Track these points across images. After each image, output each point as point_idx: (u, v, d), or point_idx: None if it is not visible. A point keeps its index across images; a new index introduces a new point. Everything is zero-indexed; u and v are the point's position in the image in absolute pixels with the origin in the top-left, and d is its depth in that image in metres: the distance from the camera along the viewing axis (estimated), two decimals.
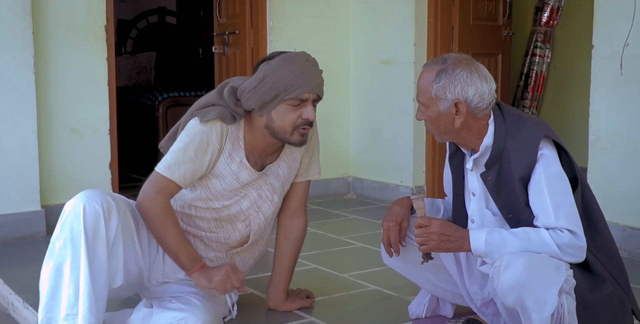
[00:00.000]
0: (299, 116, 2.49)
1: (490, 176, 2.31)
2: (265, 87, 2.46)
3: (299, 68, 2.46)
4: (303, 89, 2.45)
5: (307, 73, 2.47)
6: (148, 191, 2.48)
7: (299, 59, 2.49)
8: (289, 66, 2.46)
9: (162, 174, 2.48)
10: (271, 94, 2.45)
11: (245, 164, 2.58)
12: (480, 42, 5.02)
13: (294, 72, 2.45)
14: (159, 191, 2.47)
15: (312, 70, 2.49)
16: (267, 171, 2.65)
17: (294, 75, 2.44)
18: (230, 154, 2.56)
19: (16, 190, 4.08)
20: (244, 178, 2.60)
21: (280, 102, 2.47)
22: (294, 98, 2.46)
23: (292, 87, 2.44)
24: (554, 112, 6.21)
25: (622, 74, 3.63)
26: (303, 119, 2.49)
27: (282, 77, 2.44)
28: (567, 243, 2.18)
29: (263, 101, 2.47)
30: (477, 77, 2.28)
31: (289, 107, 2.47)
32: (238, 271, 2.43)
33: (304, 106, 2.49)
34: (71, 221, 2.30)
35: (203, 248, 2.66)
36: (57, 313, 2.27)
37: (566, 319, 2.14)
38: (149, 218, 2.46)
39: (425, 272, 2.64)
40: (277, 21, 5.03)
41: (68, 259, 2.28)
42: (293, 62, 2.47)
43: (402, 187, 4.95)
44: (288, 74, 2.44)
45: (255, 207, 2.67)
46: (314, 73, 2.49)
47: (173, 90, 6.98)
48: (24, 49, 4.04)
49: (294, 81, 2.44)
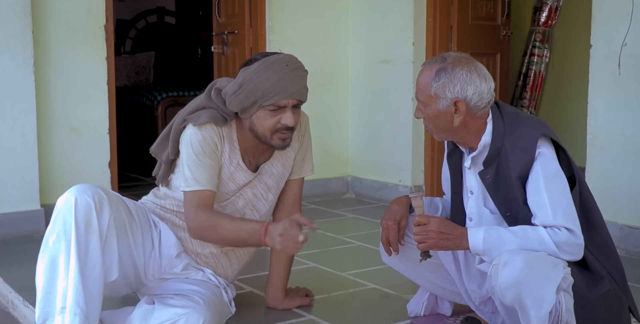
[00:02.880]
0: (277, 121, 2.49)
1: (489, 174, 2.32)
2: (243, 94, 2.46)
3: (276, 75, 2.43)
4: (280, 96, 2.44)
5: (284, 80, 2.44)
6: (189, 214, 2.50)
7: (277, 64, 2.45)
8: (266, 73, 2.43)
9: (192, 190, 2.49)
10: (249, 100, 2.46)
11: (241, 166, 2.60)
12: (478, 42, 5.03)
13: (270, 79, 2.43)
14: (197, 208, 2.48)
15: (291, 76, 2.45)
16: (262, 170, 2.67)
17: (271, 83, 2.43)
18: (229, 156, 2.58)
19: (16, 189, 4.08)
20: (240, 180, 2.62)
21: (259, 108, 2.47)
22: (272, 104, 2.46)
23: (269, 95, 2.43)
24: (553, 111, 6.21)
25: (620, 74, 3.64)
26: (282, 124, 2.49)
27: (259, 84, 2.43)
28: (565, 241, 2.19)
29: (243, 106, 2.48)
30: (477, 76, 2.29)
31: (267, 112, 2.47)
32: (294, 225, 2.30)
33: (282, 112, 2.48)
34: (63, 215, 2.31)
35: (198, 244, 2.67)
36: (53, 307, 2.27)
37: (564, 316, 2.16)
38: (201, 232, 2.49)
39: (424, 270, 2.64)
40: (276, 21, 5.03)
41: (62, 252, 2.29)
42: (271, 69, 2.44)
43: (400, 187, 4.96)
44: (265, 82, 2.43)
45: (250, 206, 2.68)
46: (293, 79, 2.46)
47: (172, 90, 6.99)
48: (24, 48, 4.05)
49: (271, 88, 2.43)
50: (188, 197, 2.50)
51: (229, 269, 2.76)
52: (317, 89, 5.17)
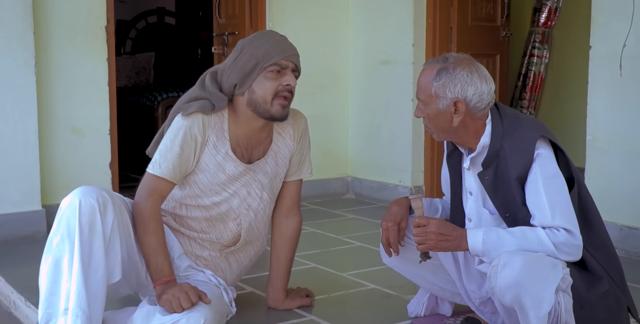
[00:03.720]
0: (279, 83, 2.55)
1: (488, 175, 2.33)
2: (244, 58, 2.54)
3: (274, 38, 2.58)
4: (281, 56, 2.54)
5: (283, 43, 2.58)
6: (141, 192, 2.54)
7: (272, 32, 2.65)
8: (265, 37, 2.59)
9: (152, 174, 2.54)
10: (251, 63, 2.53)
11: (231, 156, 2.61)
12: (478, 43, 5.04)
13: (270, 41, 2.56)
14: (150, 193, 2.52)
15: (286, 42, 2.60)
16: (255, 166, 2.67)
17: (271, 44, 2.55)
18: (215, 145, 2.59)
19: (17, 189, 4.09)
20: (230, 170, 2.62)
21: (261, 71, 2.54)
22: (274, 64, 2.53)
23: (270, 54, 2.53)
24: (552, 112, 6.23)
25: (621, 75, 3.65)
26: (284, 85, 2.55)
27: (260, 46, 2.54)
28: (564, 241, 2.20)
29: (244, 72, 2.54)
30: (477, 78, 2.30)
31: (269, 75, 2.54)
32: (192, 292, 2.37)
33: (284, 74, 2.55)
34: (67, 217, 2.31)
35: (197, 247, 2.68)
36: (56, 308, 2.28)
37: (563, 317, 2.16)
38: (136, 220, 2.51)
39: (424, 271, 2.65)
40: (277, 22, 5.04)
41: (66, 254, 2.29)
42: (268, 34, 2.62)
43: (400, 187, 4.97)
44: (265, 43, 2.55)
45: (245, 205, 2.68)
46: (289, 44, 2.60)
47: (172, 90, 7.00)
48: (25, 49, 4.06)
49: (271, 48, 2.54)
50: (146, 179, 2.56)
51: (228, 272, 2.76)
52: (318, 90, 5.18)
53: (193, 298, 2.36)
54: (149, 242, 2.47)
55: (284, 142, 2.73)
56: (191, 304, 2.34)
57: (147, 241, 2.47)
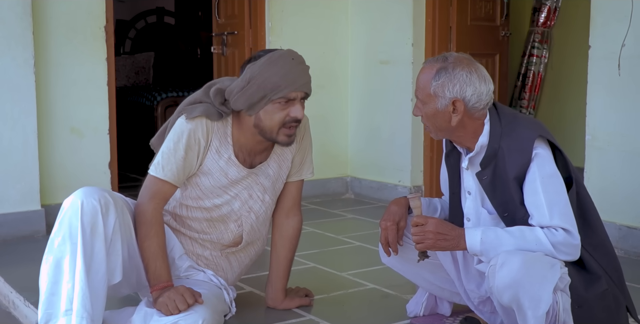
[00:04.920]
0: (286, 114, 2.51)
1: (486, 175, 2.33)
2: (252, 89, 2.48)
3: (284, 68, 2.47)
4: (290, 89, 2.48)
5: (292, 73, 2.48)
6: (143, 194, 2.53)
7: (284, 58, 2.50)
8: (274, 67, 2.47)
9: (155, 176, 2.53)
10: (258, 95, 2.48)
11: (233, 161, 2.61)
12: (478, 43, 5.04)
13: (278, 73, 2.47)
14: (153, 196, 2.52)
15: (297, 69, 2.50)
16: (257, 170, 2.67)
17: (279, 76, 2.46)
18: (217, 150, 2.58)
19: (16, 189, 4.09)
20: (233, 174, 2.62)
21: (268, 103, 2.50)
22: (282, 97, 2.48)
23: (278, 88, 2.47)
24: (551, 112, 6.23)
25: (619, 75, 3.65)
26: (291, 117, 2.52)
27: (269, 78, 2.46)
28: (562, 241, 2.20)
29: (251, 101, 2.50)
30: (477, 78, 2.30)
31: (277, 106, 2.50)
32: (188, 294, 2.38)
33: (291, 104, 2.51)
34: (69, 218, 2.31)
35: (198, 247, 2.68)
36: (57, 308, 2.28)
37: (561, 316, 2.17)
38: (137, 223, 2.50)
39: (423, 271, 2.65)
40: (276, 21, 5.04)
41: (67, 255, 2.29)
42: (278, 63, 2.48)
43: (400, 187, 4.97)
44: (273, 76, 2.46)
45: (246, 207, 2.68)
46: (299, 72, 2.51)
47: (171, 90, 7.00)
48: (24, 49, 4.06)
49: (280, 81, 2.46)
50: (148, 181, 2.54)
51: (229, 272, 2.77)
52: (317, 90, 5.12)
53: (189, 300, 2.36)
54: (149, 246, 2.47)
55: None
56: (187, 306, 2.34)
57: (148, 245, 2.47)
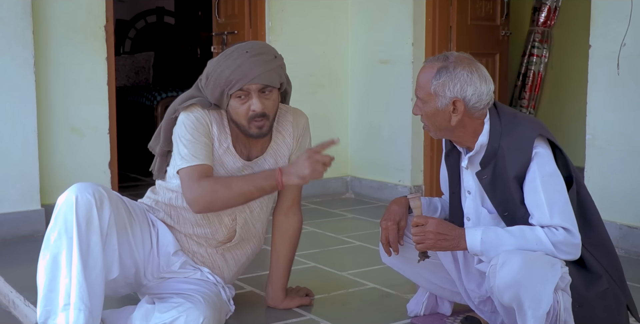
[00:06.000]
0: (248, 108, 2.52)
1: (486, 174, 2.33)
2: (210, 85, 2.53)
3: (235, 62, 2.47)
4: (242, 83, 2.48)
5: (244, 66, 2.47)
6: (191, 186, 2.47)
7: (237, 52, 2.50)
8: (226, 62, 2.49)
9: (190, 165, 2.48)
10: (217, 90, 2.51)
11: (231, 150, 2.61)
12: (478, 42, 5.04)
13: (230, 67, 2.48)
14: (199, 179, 2.47)
15: (251, 61, 2.48)
16: (254, 164, 2.67)
17: (230, 71, 2.48)
18: (218, 138, 2.60)
19: (16, 189, 4.09)
20: (229, 164, 2.62)
21: (229, 98, 2.51)
22: (238, 91, 2.49)
23: (231, 82, 2.48)
24: (552, 111, 6.23)
25: (619, 74, 3.65)
26: (252, 111, 2.51)
27: (221, 74, 2.49)
28: (562, 240, 2.20)
29: (214, 97, 2.53)
30: (477, 78, 2.30)
31: (237, 100, 2.51)
32: (316, 152, 2.42)
33: (250, 97, 2.51)
34: (64, 213, 2.32)
35: (193, 244, 2.68)
36: (55, 305, 2.28)
37: (562, 316, 2.16)
38: (213, 200, 2.45)
39: (424, 270, 2.65)
40: (276, 21, 5.04)
41: (63, 250, 2.29)
42: (230, 57, 2.50)
43: (400, 187, 4.97)
44: (225, 70, 2.48)
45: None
46: (252, 64, 2.48)
47: (171, 90, 6.99)
48: (24, 48, 4.06)
49: (232, 75, 2.47)
50: (186, 173, 2.49)
51: (225, 270, 2.76)
52: (317, 89, 5.18)
53: (321, 157, 2.40)
54: (241, 183, 2.46)
55: (283, 141, 2.72)
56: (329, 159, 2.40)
57: (238, 184, 2.45)
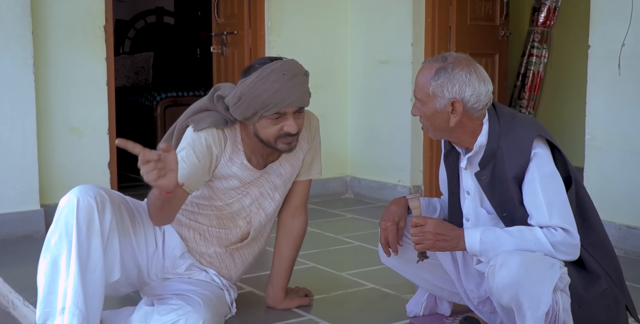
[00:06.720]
0: (280, 128, 2.50)
1: (485, 175, 2.33)
2: (243, 106, 2.46)
3: (273, 86, 2.43)
4: (279, 107, 2.45)
5: (282, 90, 2.43)
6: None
7: (274, 74, 2.44)
8: (263, 85, 2.43)
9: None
10: (250, 111, 2.46)
11: (246, 166, 2.61)
12: (477, 42, 5.04)
13: (268, 91, 2.43)
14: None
15: (288, 85, 2.44)
16: (269, 169, 2.67)
17: (269, 94, 2.43)
18: (230, 157, 2.58)
19: (16, 189, 4.09)
20: (246, 178, 2.63)
21: (261, 118, 2.48)
22: (274, 113, 2.46)
23: (268, 106, 2.44)
24: (551, 111, 6.23)
25: (620, 74, 3.65)
26: (284, 131, 2.50)
27: (257, 97, 2.43)
28: (561, 241, 2.20)
29: (244, 116, 2.48)
30: (476, 78, 2.30)
31: (270, 121, 2.48)
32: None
33: (284, 119, 2.49)
34: (65, 215, 2.32)
35: (203, 244, 2.68)
36: (54, 307, 2.28)
37: (561, 316, 2.16)
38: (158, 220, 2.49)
39: (423, 271, 2.65)
40: (276, 21, 5.04)
41: (63, 253, 2.30)
42: (268, 80, 2.43)
43: (399, 187, 4.97)
44: (263, 94, 2.43)
45: (256, 204, 2.69)
46: (290, 87, 2.45)
47: (171, 90, 7.00)
48: (24, 49, 4.06)
49: (269, 99, 2.43)
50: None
51: (233, 269, 2.77)
52: (316, 90, 5.14)
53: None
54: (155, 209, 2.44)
55: (298, 145, 2.71)
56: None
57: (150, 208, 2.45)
